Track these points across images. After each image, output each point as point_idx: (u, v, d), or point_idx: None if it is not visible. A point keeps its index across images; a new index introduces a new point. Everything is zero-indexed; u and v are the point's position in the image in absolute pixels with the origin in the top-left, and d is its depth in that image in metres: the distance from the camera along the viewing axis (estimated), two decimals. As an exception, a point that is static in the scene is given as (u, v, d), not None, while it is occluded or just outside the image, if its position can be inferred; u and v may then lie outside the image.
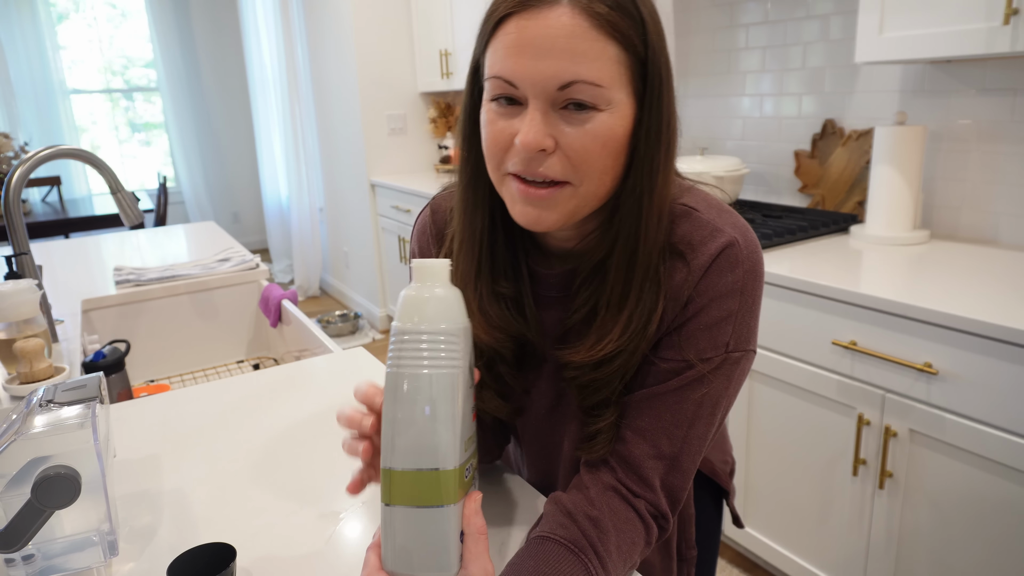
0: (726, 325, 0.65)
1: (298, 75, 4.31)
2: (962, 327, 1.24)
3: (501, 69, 0.59)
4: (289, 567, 0.70)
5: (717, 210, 0.67)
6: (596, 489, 0.67)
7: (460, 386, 0.54)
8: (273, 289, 1.74)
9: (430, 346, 0.54)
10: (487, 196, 0.68)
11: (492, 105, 0.62)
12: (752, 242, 0.65)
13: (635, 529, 0.66)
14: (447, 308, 0.55)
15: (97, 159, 1.34)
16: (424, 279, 0.55)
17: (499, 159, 0.63)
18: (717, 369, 0.65)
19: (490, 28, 0.61)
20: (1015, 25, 1.32)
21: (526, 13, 0.58)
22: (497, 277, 0.71)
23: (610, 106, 0.59)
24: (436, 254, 0.78)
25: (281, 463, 0.91)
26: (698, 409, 0.66)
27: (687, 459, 0.67)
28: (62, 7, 4.97)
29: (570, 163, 0.60)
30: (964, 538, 1.32)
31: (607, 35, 0.57)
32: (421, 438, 0.53)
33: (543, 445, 0.83)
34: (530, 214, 0.62)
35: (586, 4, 0.56)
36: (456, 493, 0.54)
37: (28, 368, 1.12)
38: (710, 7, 2.32)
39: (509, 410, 0.77)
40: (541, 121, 0.58)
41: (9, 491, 0.61)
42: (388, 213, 3.60)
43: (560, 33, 0.56)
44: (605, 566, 0.63)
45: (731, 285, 0.64)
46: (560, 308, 0.73)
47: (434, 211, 0.80)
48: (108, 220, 3.72)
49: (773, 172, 2.26)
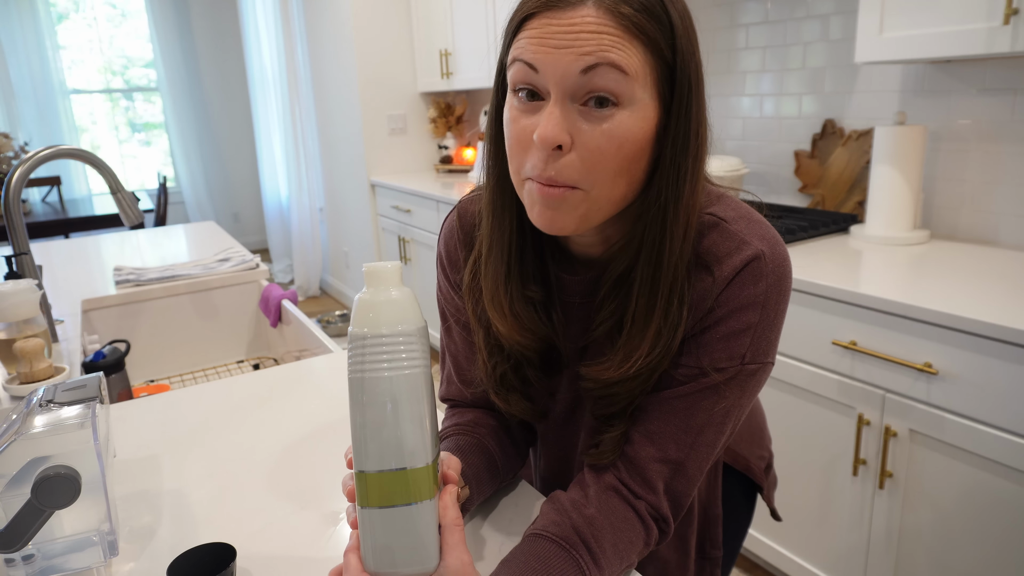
0: (744, 337, 0.64)
1: (298, 75, 4.31)
2: (962, 327, 1.24)
3: (522, 53, 0.59)
4: (289, 567, 0.70)
5: (747, 221, 0.65)
6: (596, 488, 0.67)
7: (423, 385, 0.55)
8: (273, 289, 1.74)
9: (390, 348, 0.54)
10: (515, 198, 0.67)
11: (514, 100, 0.61)
12: (780, 256, 0.64)
13: (633, 529, 0.66)
14: (403, 310, 0.56)
15: (97, 159, 1.34)
16: (377, 283, 0.56)
17: (520, 161, 0.62)
18: (731, 380, 0.65)
19: (514, 27, 0.61)
20: (1015, 25, 1.32)
21: (551, 12, 0.57)
22: (527, 281, 0.71)
23: (632, 104, 0.58)
24: (465, 259, 0.77)
25: (281, 463, 0.91)
26: (709, 417, 0.66)
27: (693, 466, 0.67)
28: (62, 7, 4.97)
29: (583, 165, 0.59)
30: (964, 538, 1.32)
31: (633, 35, 0.56)
32: (390, 439, 0.54)
33: (561, 448, 0.84)
34: (546, 215, 0.62)
35: (611, 4, 0.56)
36: (430, 489, 0.55)
37: (28, 368, 1.11)
38: (710, 7, 2.32)
39: (534, 412, 0.77)
40: (560, 116, 0.58)
41: (9, 491, 0.61)
42: (388, 213, 3.60)
43: (585, 29, 0.56)
44: (598, 563, 0.63)
45: (753, 298, 0.63)
46: (585, 315, 0.73)
47: (461, 215, 0.79)
48: (108, 220, 3.72)
49: (773, 172, 2.26)
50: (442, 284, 0.83)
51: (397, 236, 3.53)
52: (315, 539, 0.75)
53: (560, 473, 0.86)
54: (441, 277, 0.82)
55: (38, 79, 4.80)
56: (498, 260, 0.69)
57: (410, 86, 3.71)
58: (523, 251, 0.70)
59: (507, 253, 0.69)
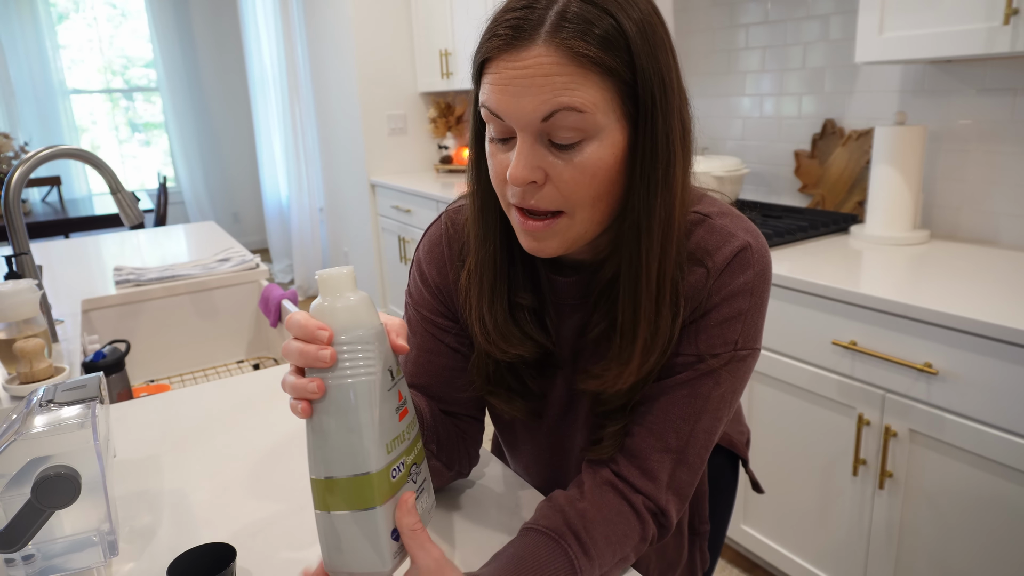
0: (736, 323, 0.67)
1: (298, 75, 4.31)
2: (962, 327, 1.24)
3: (487, 100, 0.61)
4: (289, 567, 0.70)
5: (730, 216, 0.69)
6: (591, 483, 0.68)
7: (377, 391, 0.56)
8: (273, 289, 1.74)
9: (350, 355, 0.55)
10: (497, 221, 0.70)
11: (491, 132, 0.64)
12: (763, 246, 0.68)
13: (627, 523, 0.67)
14: (359, 315, 0.56)
15: (97, 159, 1.34)
16: (332, 290, 0.56)
17: (501, 191, 0.64)
18: (725, 365, 0.67)
19: (477, 70, 0.63)
20: (1015, 25, 1.32)
21: (506, 54, 0.58)
22: (516, 289, 0.72)
23: (599, 133, 0.58)
24: (458, 271, 0.77)
25: (281, 463, 0.91)
26: (705, 404, 0.68)
27: (694, 454, 0.69)
28: (62, 7, 4.97)
29: (561, 194, 0.60)
30: (964, 538, 1.32)
31: (586, 67, 0.56)
32: (346, 446, 0.55)
33: (555, 447, 0.84)
34: (531, 245, 0.64)
35: (561, 40, 0.56)
36: (384, 494, 0.56)
37: (28, 368, 1.12)
38: (710, 7, 2.32)
39: (529, 411, 0.78)
40: (528, 155, 0.59)
41: (9, 491, 0.61)
42: (388, 213, 3.60)
43: (538, 71, 0.56)
44: (588, 553, 0.63)
45: (743, 285, 0.66)
46: (578, 316, 0.74)
47: (449, 226, 0.79)
48: (108, 220, 3.72)
49: (773, 172, 2.26)
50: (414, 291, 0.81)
51: (397, 236, 3.53)
52: (315, 539, 0.75)
53: (553, 473, 0.87)
54: (417, 282, 0.81)
55: (38, 79, 4.80)
56: (487, 277, 0.71)
57: (410, 86, 3.71)
58: (511, 266, 0.72)
59: (492, 272, 0.71)
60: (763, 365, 1.64)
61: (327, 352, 0.53)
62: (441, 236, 0.79)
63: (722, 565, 1.90)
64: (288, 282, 4.92)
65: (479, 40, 0.62)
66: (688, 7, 2.39)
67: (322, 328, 0.54)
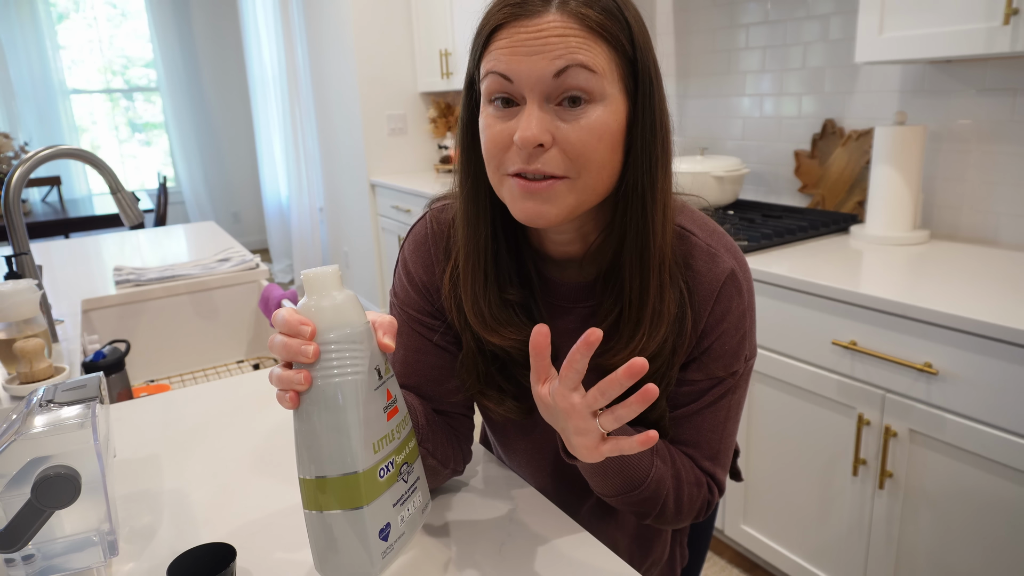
0: (743, 342, 0.74)
1: (298, 75, 4.31)
2: (962, 327, 1.24)
3: (496, 65, 0.61)
4: (289, 567, 0.70)
5: (710, 232, 0.73)
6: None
7: (363, 390, 0.56)
8: (273, 289, 1.74)
9: (337, 354, 0.55)
10: (488, 206, 0.70)
11: (490, 109, 0.64)
12: (744, 264, 0.73)
13: (700, 481, 0.76)
14: (345, 313, 0.56)
15: (97, 159, 1.34)
16: (318, 289, 0.56)
17: (499, 160, 0.64)
18: (741, 376, 0.75)
19: (483, 41, 0.63)
20: (1015, 25, 1.32)
21: (518, 22, 0.60)
22: (504, 284, 0.72)
23: (604, 99, 0.61)
24: (444, 269, 0.77)
25: (281, 463, 0.91)
26: (728, 412, 0.76)
27: (724, 454, 0.78)
28: (62, 7, 4.97)
29: (567, 157, 0.62)
30: (964, 538, 1.32)
31: (597, 36, 0.60)
32: (334, 445, 0.55)
33: (549, 446, 0.84)
34: (530, 209, 0.63)
35: (573, 8, 0.60)
36: (372, 494, 0.56)
37: (28, 368, 1.12)
38: (710, 7, 2.32)
39: (521, 411, 0.78)
40: (538, 116, 0.60)
41: (9, 491, 0.61)
42: (388, 213, 3.60)
43: (552, 32, 0.59)
44: (665, 460, 0.72)
45: (741, 308, 0.72)
46: (578, 316, 0.75)
47: (434, 224, 0.79)
48: (108, 220, 3.72)
49: (773, 172, 2.26)
50: (399, 290, 0.81)
51: (397, 236, 3.53)
52: (315, 539, 0.75)
53: (544, 471, 0.87)
54: (404, 281, 0.81)
55: (38, 79, 4.80)
56: (476, 267, 0.71)
57: (410, 86, 3.71)
58: (498, 255, 0.72)
59: (482, 259, 0.71)
60: (763, 365, 1.64)
61: (310, 348, 0.54)
62: (427, 235, 0.79)
63: (722, 565, 1.90)
64: (288, 282, 4.92)
65: (484, 13, 0.63)
66: (688, 7, 2.39)
67: (304, 323, 0.54)
